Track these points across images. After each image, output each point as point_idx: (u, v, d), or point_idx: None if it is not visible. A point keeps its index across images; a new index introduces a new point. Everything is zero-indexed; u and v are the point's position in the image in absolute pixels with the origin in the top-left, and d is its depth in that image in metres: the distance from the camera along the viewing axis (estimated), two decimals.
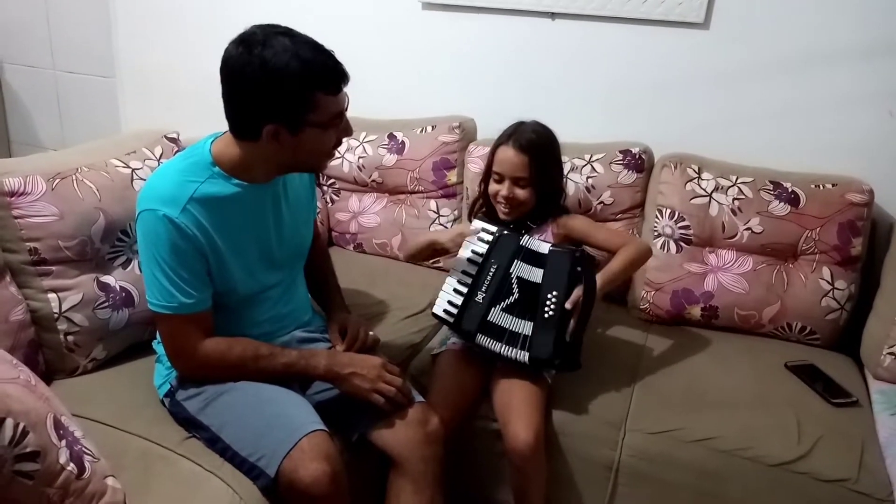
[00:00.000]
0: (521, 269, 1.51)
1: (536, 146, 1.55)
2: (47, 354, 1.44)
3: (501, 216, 1.61)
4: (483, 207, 1.71)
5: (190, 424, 1.30)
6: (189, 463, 1.23)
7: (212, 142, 1.28)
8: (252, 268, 1.34)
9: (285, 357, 1.30)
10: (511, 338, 1.46)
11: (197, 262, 1.23)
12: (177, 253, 1.20)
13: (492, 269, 1.52)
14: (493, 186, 1.60)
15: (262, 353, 1.29)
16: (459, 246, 1.57)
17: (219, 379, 1.29)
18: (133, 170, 1.55)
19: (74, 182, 1.45)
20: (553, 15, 2.04)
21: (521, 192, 1.56)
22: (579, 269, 1.46)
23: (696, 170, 1.83)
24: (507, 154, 1.56)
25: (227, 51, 1.16)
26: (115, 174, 1.52)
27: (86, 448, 1.05)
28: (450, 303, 1.53)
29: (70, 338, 1.42)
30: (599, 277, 1.48)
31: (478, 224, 1.59)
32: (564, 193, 1.74)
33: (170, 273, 1.21)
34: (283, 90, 1.14)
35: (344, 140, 1.31)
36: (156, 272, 1.22)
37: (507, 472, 1.45)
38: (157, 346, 1.41)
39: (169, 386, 1.35)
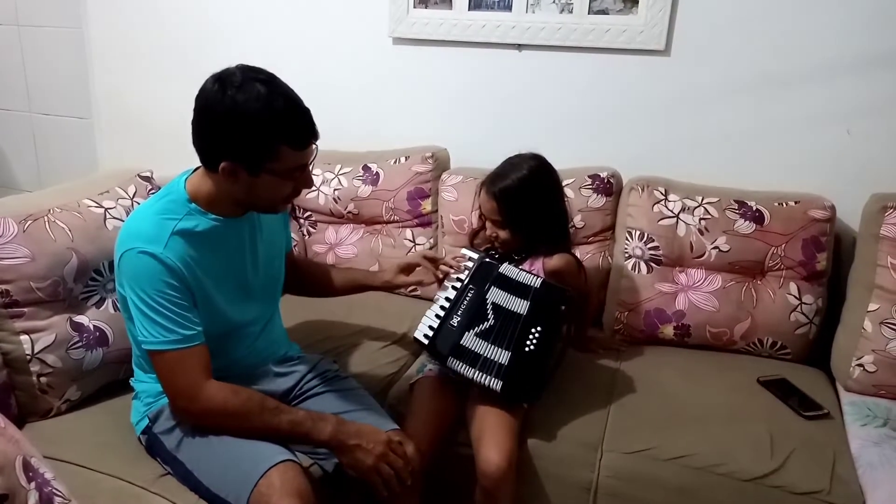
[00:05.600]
0: (496, 296, 1.52)
1: (509, 193, 1.56)
2: (20, 397, 1.43)
3: (496, 248, 1.66)
4: (476, 235, 1.77)
5: (166, 461, 1.30)
6: (163, 501, 1.22)
7: (186, 179, 1.31)
8: (232, 301, 1.35)
9: (291, 415, 1.25)
10: (485, 364, 1.48)
11: (186, 296, 1.23)
12: (167, 287, 1.20)
13: (469, 295, 1.54)
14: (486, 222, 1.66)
15: (267, 406, 1.25)
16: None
17: (219, 428, 1.25)
18: (106, 209, 1.57)
19: (46, 223, 1.46)
20: (520, 47, 2.10)
21: (501, 232, 1.61)
22: (564, 307, 1.49)
23: (663, 192, 1.87)
24: (483, 197, 1.61)
25: (203, 84, 1.19)
26: (88, 214, 1.53)
27: (56, 490, 1.04)
28: (429, 327, 1.55)
29: (43, 379, 1.42)
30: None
31: (464, 251, 1.64)
32: (566, 228, 1.70)
33: (163, 308, 1.20)
34: (247, 135, 1.15)
35: (313, 177, 1.33)
36: (148, 310, 1.20)
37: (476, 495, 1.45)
38: (135, 384, 1.41)
39: (147, 421, 1.34)
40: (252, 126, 1.15)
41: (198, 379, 1.22)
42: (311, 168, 1.27)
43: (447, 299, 1.56)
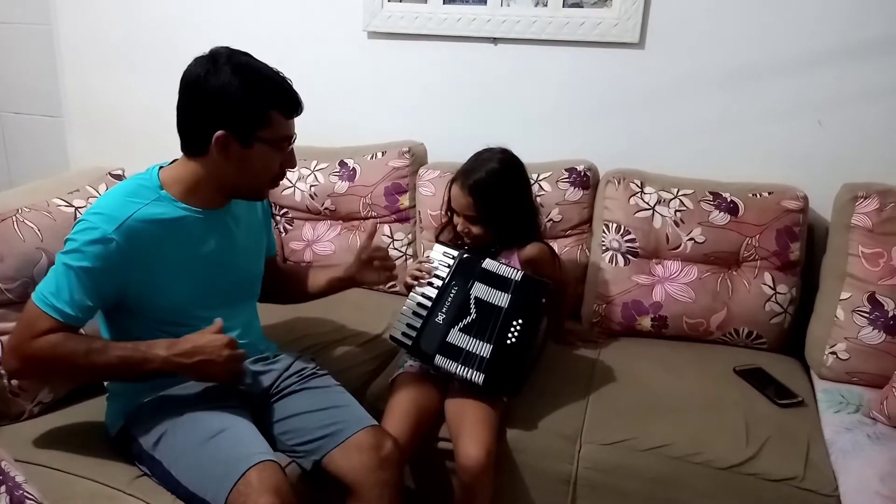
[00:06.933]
0: (478, 290, 1.53)
1: (482, 187, 1.56)
2: None
3: (466, 243, 1.66)
4: (442, 231, 1.77)
5: (143, 461, 1.28)
6: (138, 503, 1.20)
7: (159, 168, 1.31)
8: (197, 295, 1.33)
9: (120, 350, 1.22)
10: (468, 358, 1.48)
11: (107, 285, 1.22)
12: (90, 270, 1.19)
13: (452, 291, 1.55)
14: (455, 218, 1.65)
15: (94, 347, 1.22)
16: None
17: (48, 378, 1.35)
18: (76, 208, 1.54)
19: (15, 223, 1.43)
20: (495, 40, 2.10)
21: (474, 228, 1.61)
22: (544, 301, 1.50)
23: (639, 184, 1.88)
24: (456, 193, 1.60)
25: (189, 66, 1.22)
26: (58, 213, 1.51)
27: (28, 493, 1.03)
28: (408, 325, 1.55)
29: (14, 382, 1.39)
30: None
31: (439, 248, 1.63)
32: (536, 220, 1.73)
33: (72, 280, 1.19)
34: (241, 100, 1.19)
35: (290, 171, 1.34)
36: (61, 271, 1.20)
37: (455, 489, 1.46)
38: (109, 385, 1.39)
39: (123, 422, 1.32)
40: (245, 92, 1.19)
41: (39, 336, 1.19)
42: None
43: (427, 297, 1.56)
